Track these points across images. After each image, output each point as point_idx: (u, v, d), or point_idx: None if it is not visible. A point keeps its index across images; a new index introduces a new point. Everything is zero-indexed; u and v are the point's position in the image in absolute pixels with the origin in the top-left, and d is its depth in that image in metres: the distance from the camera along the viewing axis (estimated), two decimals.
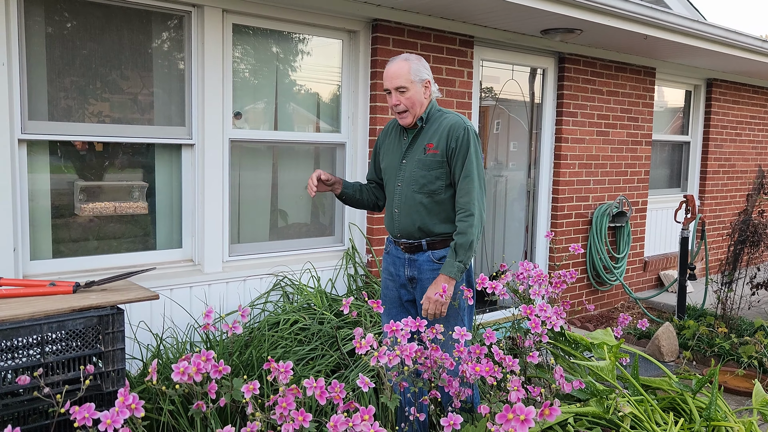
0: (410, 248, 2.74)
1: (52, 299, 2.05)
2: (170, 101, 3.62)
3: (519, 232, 5.63)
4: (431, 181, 2.65)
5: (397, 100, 2.64)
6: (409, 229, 2.71)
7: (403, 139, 2.77)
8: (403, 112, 2.66)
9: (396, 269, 2.81)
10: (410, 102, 2.64)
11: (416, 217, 2.69)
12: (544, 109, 5.44)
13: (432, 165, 2.65)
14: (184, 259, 3.73)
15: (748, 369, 4.33)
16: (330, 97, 4.29)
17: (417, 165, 2.68)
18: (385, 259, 2.91)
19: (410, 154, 2.72)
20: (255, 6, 3.69)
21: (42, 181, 3.27)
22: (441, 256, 2.71)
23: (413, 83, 2.64)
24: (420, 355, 2.07)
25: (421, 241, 2.71)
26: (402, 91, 2.63)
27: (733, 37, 5.46)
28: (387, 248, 2.90)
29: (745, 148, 7.70)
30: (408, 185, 2.70)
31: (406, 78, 2.63)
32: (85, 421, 1.43)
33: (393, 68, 2.66)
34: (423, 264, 2.71)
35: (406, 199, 2.70)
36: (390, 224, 2.82)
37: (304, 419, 1.57)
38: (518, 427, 1.37)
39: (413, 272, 2.74)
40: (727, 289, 5.16)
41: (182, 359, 1.58)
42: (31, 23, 3.14)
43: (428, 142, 2.68)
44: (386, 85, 2.69)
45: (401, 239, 2.76)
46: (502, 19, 4.46)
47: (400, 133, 2.81)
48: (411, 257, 2.74)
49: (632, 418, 2.46)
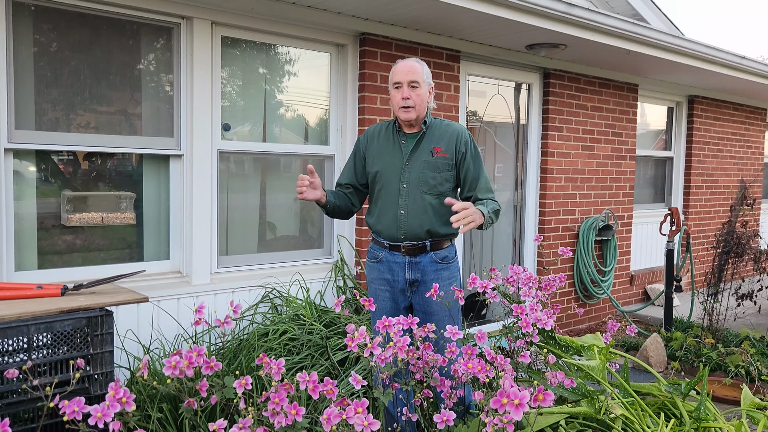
0: (413, 250, 2.74)
1: (40, 301, 2.02)
2: (159, 112, 3.62)
3: (507, 245, 5.66)
4: (440, 182, 2.73)
5: (408, 95, 2.66)
6: (416, 230, 2.72)
7: (402, 143, 2.78)
8: (409, 108, 2.68)
9: (394, 275, 2.78)
10: (419, 99, 2.68)
11: (425, 218, 2.71)
12: (530, 123, 5.51)
13: (442, 167, 2.73)
14: (172, 270, 3.70)
15: (736, 378, 4.35)
16: (318, 109, 4.31)
17: (425, 167, 2.71)
18: (375, 269, 2.84)
19: (414, 157, 2.74)
20: (244, 19, 3.72)
21: (28, 191, 3.25)
22: (443, 256, 2.77)
23: (424, 83, 2.71)
24: (412, 356, 2.06)
25: (425, 242, 2.73)
26: (414, 86, 2.67)
27: (712, 53, 5.58)
28: (377, 256, 2.84)
29: (727, 163, 7.83)
30: (416, 186, 2.71)
31: (420, 76, 2.69)
32: (74, 414, 1.41)
33: (408, 64, 2.71)
34: (426, 265, 2.74)
35: (414, 200, 2.71)
36: (391, 227, 2.76)
37: (297, 413, 1.55)
38: (513, 411, 1.37)
39: (416, 275, 2.75)
40: (713, 300, 5.20)
41: (174, 354, 1.56)
42: (19, 32, 3.14)
43: (435, 145, 2.74)
44: (398, 78, 2.69)
45: (404, 242, 2.74)
46: (487, 34, 4.53)
47: (394, 137, 2.81)
48: (413, 260, 2.74)
49: (623, 420, 2.46)
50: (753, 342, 4.84)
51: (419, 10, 3.89)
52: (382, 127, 2.88)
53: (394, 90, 2.72)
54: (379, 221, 2.82)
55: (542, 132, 5.53)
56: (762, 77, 6.44)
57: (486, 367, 1.98)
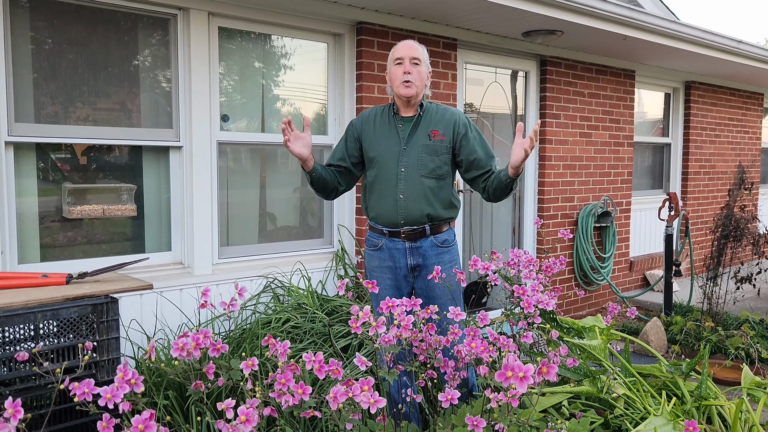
0: (413, 235, 2.73)
1: (46, 289, 2.04)
2: (157, 103, 3.63)
3: (506, 234, 5.68)
4: (439, 165, 2.73)
5: (409, 69, 2.67)
6: (415, 214, 2.71)
7: (399, 126, 2.78)
8: (409, 83, 2.68)
9: (396, 261, 2.78)
10: (419, 77, 2.70)
11: (424, 202, 2.71)
12: (528, 111, 5.52)
13: (441, 150, 2.73)
14: (174, 261, 3.71)
15: (736, 360, 4.38)
16: (316, 99, 4.32)
17: (424, 150, 2.72)
18: (376, 257, 2.83)
19: (412, 140, 2.74)
20: (240, 9, 3.72)
21: (29, 184, 3.25)
22: (443, 239, 2.78)
23: (424, 63, 2.75)
24: (415, 337, 2.08)
25: (425, 226, 2.73)
26: (416, 63, 2.70)
27: (708, 37, 5.59)
28: (376, 244, 2.83)
29: (724, 149, 7.84)
30: (415, 170, 2.71)
31: (421, 54, 2.73)
32: (84, 396, 1.43)
33: (409, 43, 2.75)
34: (427, 250, 2.74)
35: (413, 184, 2.71)
36: (390, 213, 2.75)
37: (304, 392, 1.57)
38: (517, 383, 1.39)
39: (417, 260, 2.75)
40: (712, 284, 5.23)
41: (181, 336, 1.58)
42: (16, 25, 3.14)
43: (432, 129, 2.74)
44: (400, 54, 2.71)
45: (404, 227, 2.73)
46: (484, 21, 4.53)
47: (391, 120, 2.81)
48: (413, 245, 2.74)
49: (625, 399, 2.49)
50: (752, 325, 4.87)
51: None
52: (377, 111, 2.87)
53: (395, 66, 2.73)
54: (377, 207, 2.80)
55: (540, 119, 5.53)
56: (758, 61, 6.45)
57: (489, 347, 1.99)
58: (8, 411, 1.28)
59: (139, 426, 1.38)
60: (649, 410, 2.40)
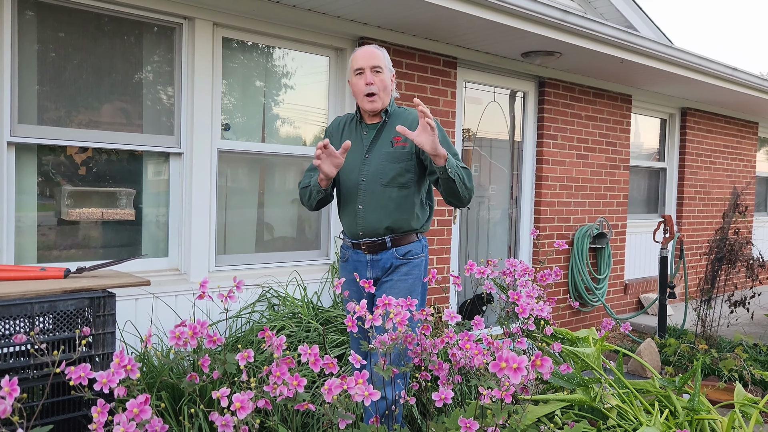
0: (373, 247, 2.61)
1: (44, 282, 2.05)
2: (159, 110, 3.67)
3: (502, 252, 5.70)
4: (401, 173, 2.57)
5: (371, 79, 2.53)
6: (374, 225, 2.59)
7: (363, 134, 2.66)
8: (373, 95, 2.55)
9: (359, 274, 2.66)
10: (383, 85, 2.56)
11: (383, 213, 2.58)
12: (525, 131, 5.58)
13: (402, 157, 2.57)
14: (170, 267, 3.72)
15: (729, 382, 4.38)
16: (317, 112, 4.36)
17: (385, 158, 2.58)
18: (344, 269, 2.74)
19: (375, 149, 2.61)
20: (245, 20, 3.78)
21: (29, 185, 3.27)
22: (406, 251, 2.63)
23: (386, 68, 2.59)
24: (411, 341, 2.09)
25: (384, 238, 2.60)
26: (377, 71, 2.55)
27: (703, 63, 5.68)
28: (344, 256, 2.74)
29: (719, 175, 7.91)
30: (375, 179, 2.58)
31: (382, 61, 2.58)
32: (80, 380, 1.43)
33: (367, 50, 2.60)
34: (386, 263, 2.62)
35: (373, 195, 2.57)
36: (351, 224, 2.65)
37: (299, 384, 1.57)
38: (511, 374, 1.40)
39: (377, 273, 2.63)
40: (706, 306, 5.24)
41: (178, 324, 1.59)
42: (23, 28, 3.19)
43: (395, 135, 2.59)
44: (360, 64, 2.56)
45: (363, 238, 2.62)
46: (484, 41, 4.61)
47: (357, 128, 2.69)
48: (373, 258, 2.63)
49: (618, 410, 2.49)
50: (746, 348, 4.88)
51: (416, 15, 3.96)
52: (347, 118, 2.77)
53: (356, 77, 2.58)
54: (343, 218, 2.71)
55: (537, 140, 5.60)
56: (753, 89, 6.55)
57: (483, 350, 2.00)
58: (4, 389, 1.29)
59: (134, 409, 1.38)
60: (642, 421, 2.41)
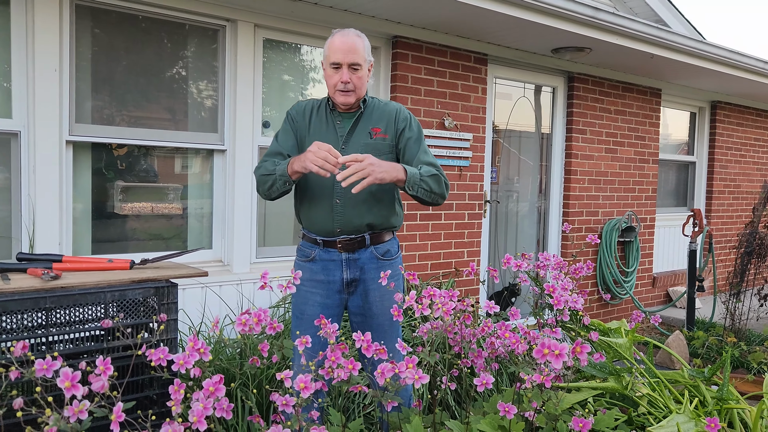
0: (350, 245, 2.43)
1: (113, 273, 2.22)
2: (204, 109, 3.84)
3: (531, 245, 5.79)
4: None
5: (347, 78, 2.36)
6: (354, 221, 2.42)
7: (337, 123, 2.48)
8: (349, 92, 2.39)
9: (329, 275, 2.45)
10: (360, 82, 2.40)
11: (364, 208, 2.42)
12: (554, 126, 5.65)
13: (382, 149, 2.44)
14: (214, 259, 3.90)
15: (758, 375, 4.44)
16: None
17: (364, 149, 2.37)
18: (307, 269, 2.47)
19: (352, 139, 2.45)
20: (284, 21, 3.93)
21: (85, 181, 3.47)
22: (385, 250, 2.50)
23: (365, 62, 2.43)
24: (450, 329, 2.22)
25: (364, 235, 2.45)
26: (356, 69, 2.38)
27: (734, 57, 5.69)
28: (308, 255, 2.49)
29: (749, 169, 7.88)
30: None
31: (362, 55, 2.40)
32: (160, 361, 1.59)
33: (348, 41, 2.39)
34: (366, 262, 2.46)
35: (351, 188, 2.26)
36: (324, 220, 2.44)
37: (353, 368, 1.72)
38: (553, 360, 1.52)
39: (354, 273, 2.45)
40: (735, 300, 5.28)
41: (243, 312, 1.74)
42: (80, 33, 3.37)
43: (374, 126, 2.47)
44: (337, 58, 2.37)
45: (340, 236, 2.43)
46: (514, 37, 4.69)
47: (328, 116, 2.50)
48: (350, 256, 2.44)
49: (648, 398, 2.59)
50: None
51: (448, 13, 4.07)
52: (314, 104, 2.54)
53: (332, 70, 2.40)
54: (311, 214, 2.48)
55: (566, 134, 5.67)
56: None
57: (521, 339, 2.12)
58: (99, 368, 1.45)
59: (210, 388, 1.54)
60: (672, 409, 2.51)
